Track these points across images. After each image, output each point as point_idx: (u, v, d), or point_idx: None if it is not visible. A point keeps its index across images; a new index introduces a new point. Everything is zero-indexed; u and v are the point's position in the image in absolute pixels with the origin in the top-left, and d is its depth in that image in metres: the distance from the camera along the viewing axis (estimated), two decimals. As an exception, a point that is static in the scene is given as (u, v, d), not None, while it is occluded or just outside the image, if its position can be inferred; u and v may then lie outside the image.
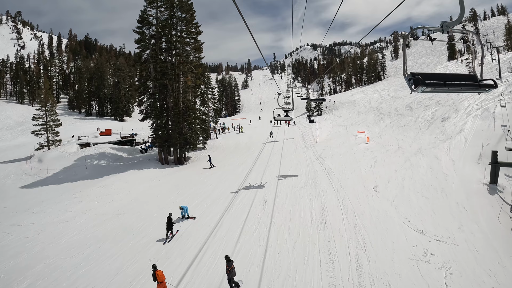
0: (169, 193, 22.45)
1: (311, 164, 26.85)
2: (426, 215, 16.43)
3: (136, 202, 21.28)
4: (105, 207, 20.80)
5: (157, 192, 23.03)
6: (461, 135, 31.35)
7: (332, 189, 19.80)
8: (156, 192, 23.03)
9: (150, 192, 23.41)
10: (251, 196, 19.24)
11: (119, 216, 18.98)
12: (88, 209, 20.57)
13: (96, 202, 21.90)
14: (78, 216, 19.38)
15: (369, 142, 34.45)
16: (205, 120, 41.63)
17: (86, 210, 20.42)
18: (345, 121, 51.89)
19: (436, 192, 19.63)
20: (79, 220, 18.78)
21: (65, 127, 69.87)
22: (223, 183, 23.02)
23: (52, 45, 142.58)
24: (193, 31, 34.08)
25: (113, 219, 18.43)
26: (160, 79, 32.56)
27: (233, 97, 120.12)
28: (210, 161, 29.90)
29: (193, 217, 16.92)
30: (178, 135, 32.09)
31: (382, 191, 19.45)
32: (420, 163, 25.43)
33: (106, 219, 18.50)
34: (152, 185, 25.27)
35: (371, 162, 26.26)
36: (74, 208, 20.92)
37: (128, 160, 36.55)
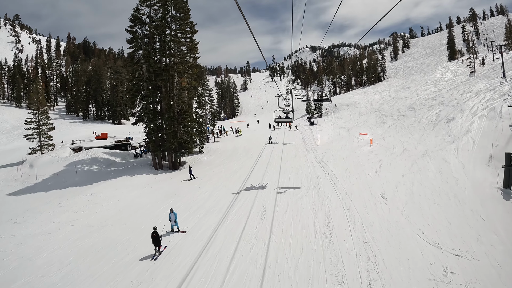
0: (160, 202, 20.87)
1: (313, 169, 25.32)
2: (440, 225, 14.94)
3: (125, 212, 19.71)
4: (91, 217, 19.23)
5: (148, 201, 21.44)
6: (468, 136, 30.06)
7: (336, 196, 18.24)
8: (146, 201, 21.45)
9: (140, 200, 21.83)
10: (249, 205, 17.65)
11: (104, 228, 17.41)
12: (73, 219, 19.00)
13: (82, 212, 20.32)
14: (61, 228, 17.83)
15: (373, 145, 33.04)
16: (202, 123, 40.09)
17: (70, 220, 18.84)
18: (346, 123, 50.45)
19: (448, 199, 18.17)
20: (62, 232, 17.24)
21: (62, 131, 68.74)
22: (219, 191, 21.42)
23: (50, 48, 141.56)
24: (187, 30, 32.58)
25: (98, 232, 16.86)
26: (153, 80, 31.06)
27: (232, 99, 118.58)
28: (191, 172, 26.82)
29: (184, 230, 15.33)
30: (172, 139, 30.53)
31: (390, 198, 17.93)
32: (428, 167, 23.98)
33: (91, 232, 16.93)
34: (143, 193, 23.70)
35: (376, 166, 24.76)
36: (58, 218, 19.36)
37: (121, 165, 35.01)
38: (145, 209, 19.89)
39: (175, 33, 32.00)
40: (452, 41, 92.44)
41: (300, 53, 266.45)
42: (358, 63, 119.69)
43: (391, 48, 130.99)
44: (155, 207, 19.98)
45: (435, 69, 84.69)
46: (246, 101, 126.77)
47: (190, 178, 26.35)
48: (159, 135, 31.92)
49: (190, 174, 26.67)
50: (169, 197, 21.61)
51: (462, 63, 79.59)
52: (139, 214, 18.96)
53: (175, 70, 31.27)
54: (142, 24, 31.80)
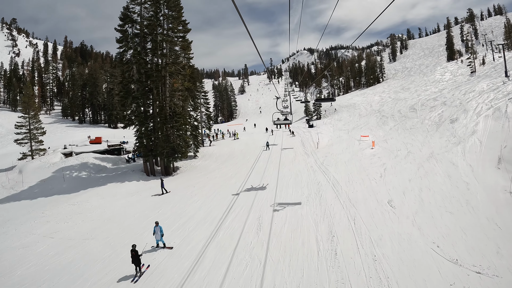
0: (148, 212, 19.29)
1: (313, 174, 23.72)
2: (456, 237, 13.45)
3: (109, 223, 18.13)
4: (73, 229, 17.68)
5: (135, 211, 19.85)
6: (475, 137, 28.64)
7: (340, 205, 16.64)
8: (134, 211, 19.86)
9: (127, 210, 20.24)
10: (243, 216, 16.03)
11: (86, 241, 15.84)
12: (54, 231, 17.47)
13: (65, 223, 18.78)
14: (41, 241, 16.32)
15: (375, 147, 31.53)
16: (197, 127, 38.53)
17: (52, 232, 17.33)
18: (346, 125, 48.96)
19: (460, 206, 16.68)
20: (42, 245, 15.72)
21: (57, 135, 67.85)
22: (212, 199, 19.79)
23: (47, 52, 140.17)
24: (180, 28, 31.14)
25: (79, 246, 15.29)
26: (144, 82, 29.58)
27: (230, 102, 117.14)
28: (163, 186, 23.48)
29: (170, 246, 13.72)
30: (164, 143, 28.98)
31: (399, 207, 16.39)
32: (435, 170, 22.49)
33: (71, 246, 15.37)
34: (131, 202, 22.11)
35: (381, 170, 23.23)
36: (39, 229, 17.88)
37: (112, 171, 33.43)
38: (132, 220, 18.34)
39: (167, 32, 30.58)
40: (450, 42, 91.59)
41: (298, 55, 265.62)
42: (356, 64, 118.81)
43: (389, 50, 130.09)
44: (142, 218, 18.41)
45: (434, 70, 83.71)
46: (243, 104, 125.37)
47: (162, 192, 23.20)
48: (150, 139, 30.39)
49: (162, 188, 23.41)
50: (158, 207, 20.03)
51: (462, 63, 78.58)
52: (124, 226, 17.40)
53: (167, 71, 29.80)
54: (133, 23, 30.39)
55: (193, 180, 25.79)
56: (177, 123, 29.03)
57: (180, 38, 31.63)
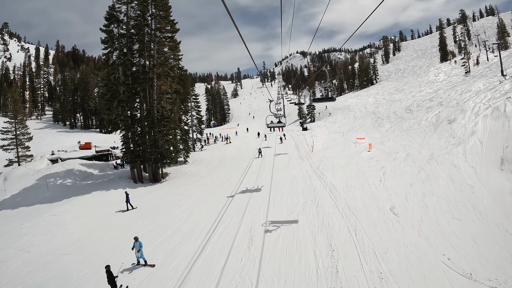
0: (132, 223, 17.82)
1: (309, 180, 22.38)
2: (466, 247, 12.29)
3: (89, 236, 16.62)
4: (51, 242, 16.16)
5: (118, 222, 18.36)
6: (474, 137, 27.75)
7: (338, 213, 15.31)
8: (117, 222, 18.37)
9: (110, 221, 18.74)
10: (234, 228, 14.62)
11: (63, 257, 14.34)
12: (31, 245, 15.95)
13: (43, 235, 17.23)
14: (16, 255, 14.80)
15: (372, 150, 30.43)
16: (188, 131, 37.08)
17: (28, 246, 15.81)
18: (341, 128, 47.91)
19: (467, 211, 15.55)
20: (16, 261, 14.22)
21: (47, 141, 65.83)
22: (201, 209, 18.31)
23: (39, 56, 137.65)
24: (168, 28, 29.78)
25: (54, 263, 13.80)
26: (130, 84, 28.13)
27: (222, 106, 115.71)
28: (128, 201, 20.51)
29: (152, 264, 12.28)
30: (152, 149, 27.51)
31: (402, 214, 15.16)
32: (437, 173, 21.39)
33: (47, 262, 13.87)
34: (115, 212, 20.60)
35: (380, 174, 22.04)
36: (16, 243, 16.33)
37: (98, 178, 31.86)
38: (114, 232, 16.85)
39: (154, 32, 29.22)
40: (443, 43, 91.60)
41: (290, 58, 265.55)
42: (349, 67, 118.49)
43: (382, 52, 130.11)
44: (125, 230, 16.94)
45: (428, 71, 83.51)
46: (236, 108, 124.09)
47: (127, 208, 20.40)
48: (138, 145, 28.92)
49: (126, 203, 20.54)
50: (143, 217, 18.55)
51: (455, 64, 78.42)
52: (105, 240, 15.91)
53: (154, 73, 28.39)
54: (119, 23, 28.95)
55: (182, 187, 24.33)
56: (165, 127, 27.58)
57: (168, 38, 30.29)
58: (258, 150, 34.71)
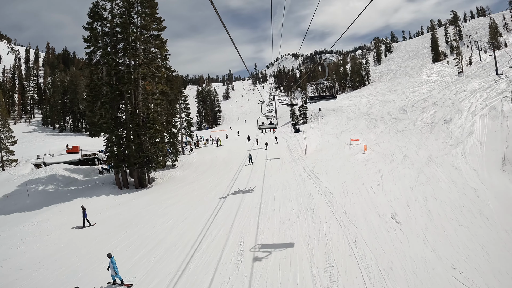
0: (113, 234, 16.32)
1: (303, 184, 21.04)
2: (477, 258, 11.20)
3: (66, 249, 15.10)
4: (25, 256, 14.64)
5: (98, 233, 16.84)
6: (473, 138, 26.93)
7: (336, 222, 14.01)
8: (96, 233, 16.84)
9: (89, 232, 17.21)
10: (222, 240, 13.20)
11: (36, 273, 12.84)
12: (4, 258, 14.45)
13: (18, 248, 15.68)
14: (-13, 271, 13.27)
15: (367, 151, 29.38)
16: (176, 134, 35.53)
17: (1, 260, 14.33)
18: (334, 129, 46.86)
19: (474, 217, 14.49)
20: (-15, 278, 12.68)
21: (35, 144, 64.39)
22: (187, 218, 16.83)
23: (29, 59, 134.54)
24: (154, 26, 28.32)
25: (27, 279, 12.33)
26: (114, 85, 26.59)
27: (214, 108, 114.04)
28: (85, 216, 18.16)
29: (129, 284, 10.84)
30: (137, 153, 25.99)
31: (405, 222, 13.96)
32: (437, 176, 20.36)
33: (18, 278, 12.40)
34: (96, 221, 19.04)
35: (377, 178, 20.88)
36: (-12, 256, 14.77)
37: (82, 183, 30.21)
38: (92, 245, 15.34)
39: (140, 30, 27.73)
40: (435, 43, 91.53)
41: (282, 60, 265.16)
42: (341, 68, 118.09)
43: (374, 53, 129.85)
44: (104, 241, 15.44)
45: (420, 71, 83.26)
46: (228, 110, 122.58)
47: (83, 225, 18.06)
48: (122, 148, 27.36)
49: (83, 218, 18.22)
50: (125, 227, 17.05)
51: (448, 64, 78.20)
52: (82, 253, 14.41)
53: (139, 73, 26.89)
54: (103, 21, 27.37)
55: (168, 194, 22.81)
56: (151, 129, 26.05)
57: (155, 36, 28.86)
58: (248, 157, 30.87)
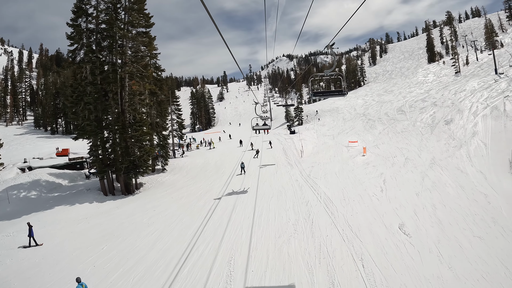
0: (91, 248, 14.71)
1: (300, 190, 19.47)
2: (499, 276, 10.01)
3: (39, 266, 13.52)
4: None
5: (76, 246, 15.20)
6: (476, 139, 25.78)
7: (338, 235, 12.49)
8: (74, 246, 15.21)
9: (66, 245, 15.58)
10: (210, 257, 11.60)
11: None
12: None
13: (-10, 263, 14.10)
14: None
15: (367, 154, 28.01)
16: (166, 136, 33.86)
17: None
18: (330, 130, 45.49)
19: (488, 226, 13.21)
20: None
21: (25, 147, 62.61)
22: (172, 229, 15.18)
23: (22, 60, 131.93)
24: (141, 22, 26.70)
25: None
26: (99, 84, 24.93)
27: (207, 110, 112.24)
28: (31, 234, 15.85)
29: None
30: (122, 157, 24.35)
31: (414, 233, 12.55)
32: (443, 180, 19.06)
33: None
34: (75, 232, 17.41)
35: (379, 183, 19.47)
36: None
37: (67, 189, 28.52)
38: (67, 260, 13.74)
39: (127, 27, 26.12)
40: (431, 44, 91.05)
41: (277, 62, 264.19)
42: (336, 69, 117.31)
43: (369, 54, 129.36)
44: (81, 257, 13.84)
45: (416, 72, 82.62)
46: (222, 112, 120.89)
47: (29, 244, 15.81)
48: (108, 152, 25.72)
49: (29, 237, 15.88)
50: (105, 240, 15.42)
51: (444, 64, 77.65)
52: (56, 270, 12.88)
53: (126, 72, 25.27)
54: (88, 17, 25.70)
55: (155, 201, 21.14)
56: (137, 132, 24.40)
57: (142, 33, 27.24)
58: (240, 165, 27.29)
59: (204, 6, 4.37)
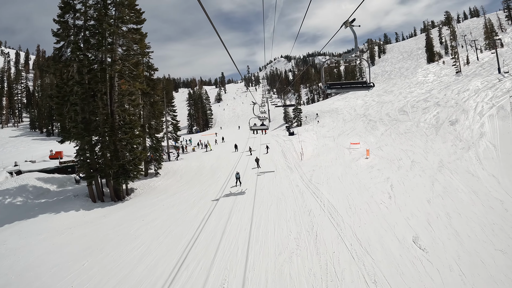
0: (72, 262, 13.27)
1: (301, 197, 17.98)
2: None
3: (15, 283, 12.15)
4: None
5: (56, 261, 13.72)
6: (485, 140, 24.55)
7: (346, 251, 11.02)
8: (54, 261, 13.72)
9: (47, 259, 14.09)
10: (200, 279, 10.11)
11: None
12: None
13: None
14: None
15: (370, 156, 26.65)
16: (160, 139, 32.38)
17: None
18: (330, 132, 44.17)
19: (509, 237, 12.09)
20: None
21: (19, 150, 61.43)
22: (161, 243, 13.66)
23: (19, 61, 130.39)
24: (131, 18, 25.27)
25: None
26: (86, 84, 23.49)
27: (205, 111, 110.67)
28: None
29: None
30: (111, 162, 22.90)
31: (431, 248, 11.18)
32: (454, 185, 17.70)
33: None
34: (56, 245, 15.93)
35: (387, 188, 18.09)
36: None
37: (54, 195, 27.12)
38: (46, 277, 12.35)
39: (116, 23, 24.68)
40: (430, 44, 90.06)
41: (275, 63, 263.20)
42: (335, 70, 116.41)
43: (367, 54, 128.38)
44: (60, 275, 12.38)
45: (415, 72, 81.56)
46: (220, 113, 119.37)
47: None
48: (96, 156, 24.26)
49: None
50: (87, 255, 13.95)
51: (444, 64, 76.66)
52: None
53: (115, 70, 23.83)
54: (76, 13, 24.24)
55: (145, 209, 19.65)
56: (127, 134, 22.95)
57: (133, 30, 25.83)
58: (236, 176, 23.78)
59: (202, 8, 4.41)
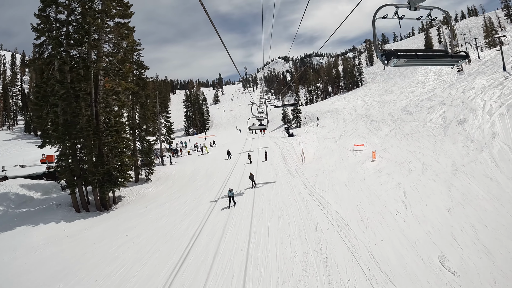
0: (48, 282, 11.40)
1: (305, 208, 15.99)
2: None
3: None
4: None
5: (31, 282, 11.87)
6: (498, 141, 22.84)
7: (364, 278, 9.01)
8: (24, 284, 11.86)
9: (16, 281, 12.27)
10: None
11: None
12: None
13: None
14: None
15: (376, 159, 24.86)
16: (151, 142, 30.42)
17: None
18: (331, 133, 42.38)
19: (547, 255, 10.04)
20: None
21: (12, 153, 59.33)
22: (144, 264, 11.66)
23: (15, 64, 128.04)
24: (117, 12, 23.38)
25: None
26: (68, 83, 21.55)
27: (202, 113, 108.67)
28: None
29: None
30: (95, 168, 20.96)
31: (460, 269, 9.37)
32: (473, 191, 15.90)
33: None
34: (28, 265, 14.05)
35: (400, 196, 16.25)
36: None
37: (37, 203, 25.26)
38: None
39: (101, 16, 22.78)
40: (429, 43, 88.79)
41: (273, 64, 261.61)
42: (333, 70, 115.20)
43: (366, 54, 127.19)
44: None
45: (415, 71, 79.96)
46: (217, 114, 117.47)
47: None
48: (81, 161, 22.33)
49: None
50: (60, 278, 12.06)
51: (443, 54, 75.27)
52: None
53: (100, 68, 21.92)
54: (58, 6, 22.33)
55: (131, 221, 17.69)
56: (112, 137, 21.00)
57: (120, 24, 23.93)
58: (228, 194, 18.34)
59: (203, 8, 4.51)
